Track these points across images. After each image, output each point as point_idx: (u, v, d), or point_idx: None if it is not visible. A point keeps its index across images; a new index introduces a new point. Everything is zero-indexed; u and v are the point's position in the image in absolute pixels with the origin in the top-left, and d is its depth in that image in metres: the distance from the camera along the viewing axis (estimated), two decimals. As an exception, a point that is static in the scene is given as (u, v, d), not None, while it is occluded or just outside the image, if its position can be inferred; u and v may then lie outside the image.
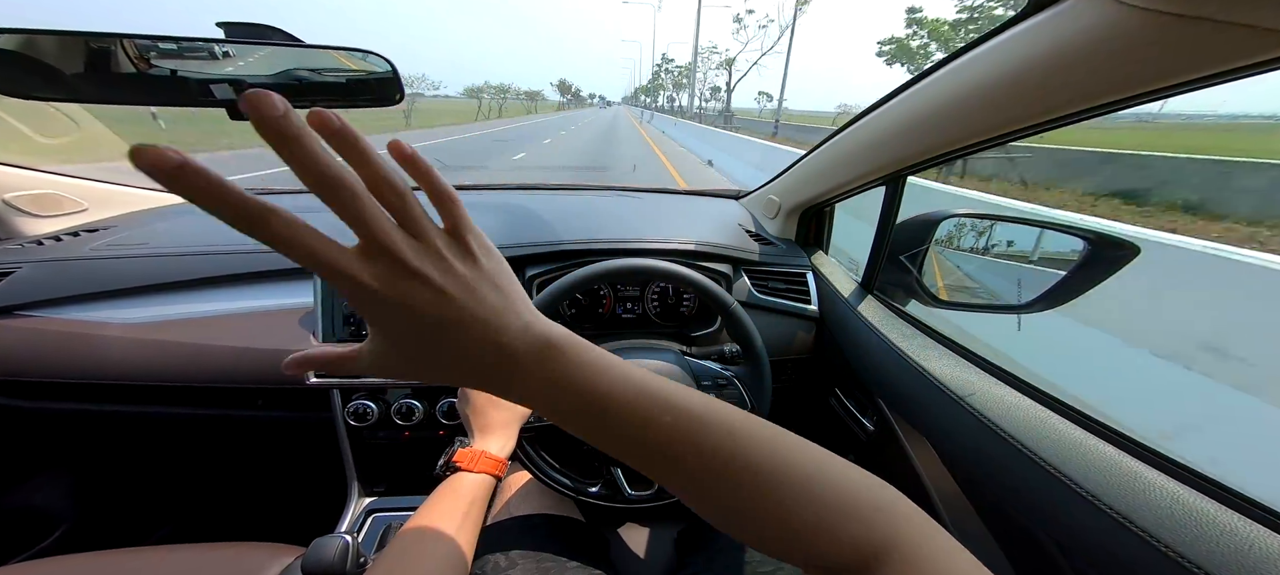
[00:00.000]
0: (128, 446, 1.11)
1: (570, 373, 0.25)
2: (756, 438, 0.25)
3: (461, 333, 0.24)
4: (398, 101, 0.61)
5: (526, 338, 0.25)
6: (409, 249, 0.22)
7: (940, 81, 0.54)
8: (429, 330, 0.23)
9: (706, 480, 0.25)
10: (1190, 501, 0.37)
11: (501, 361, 0.25)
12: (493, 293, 0.25)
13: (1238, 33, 0.29)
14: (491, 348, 0.24)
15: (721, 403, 0.27)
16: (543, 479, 0.62)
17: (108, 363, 0.81)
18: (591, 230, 0.93)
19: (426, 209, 0.24)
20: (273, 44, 0.52)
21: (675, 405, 0.25)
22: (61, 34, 0.50)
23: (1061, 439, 0.46)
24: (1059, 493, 0.43)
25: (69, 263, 0.85)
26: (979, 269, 0.82)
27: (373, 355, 0.25)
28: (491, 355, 0.25)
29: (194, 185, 0.17)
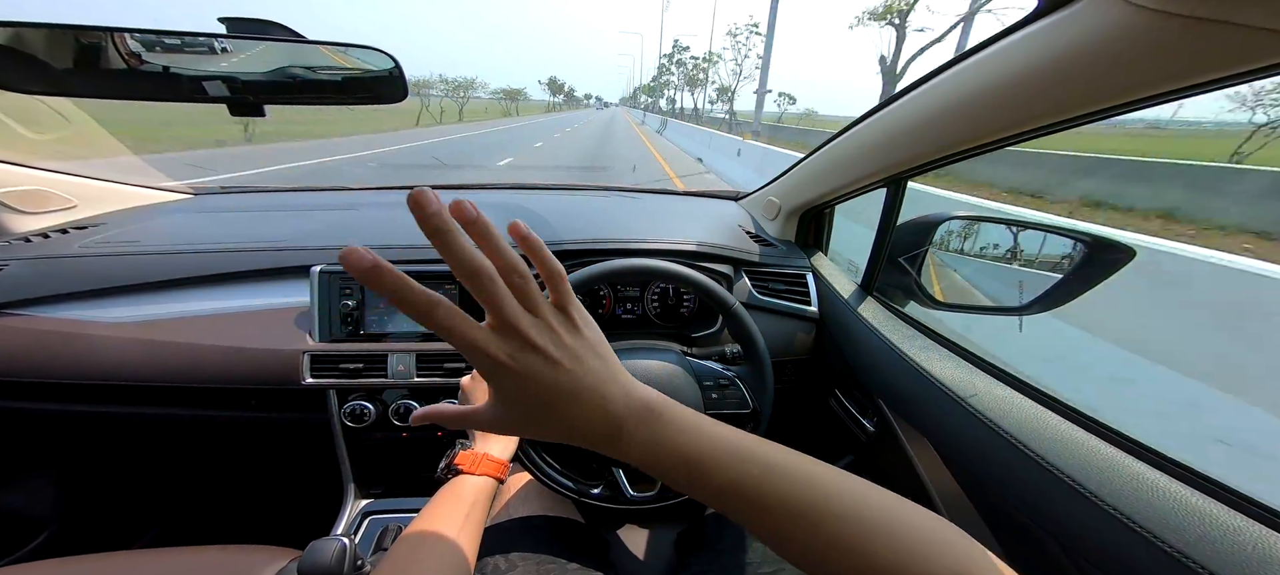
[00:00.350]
0: (117, 448, 1.09)
1: (670, 435, 0.28)
2: (833, 485, 0.28)
3: (574, 401, 0.27)
4: (401, 99, 0.60)
5: (629, 403, 0.28)
6: (531, 326, 0.26)
7: (944, 84, 0.54)
8: (546, 397, 0.27)
9: (791, 527, 0.27)
10: (1193, 502, 0.38)
11: (609, 426, 0.28)
12: (597, 361, 0.29)
13: (1249, 35, 0.29)
14: (599, 414, 0.28)
15: (800, 454, 0.29)
16: (544, 481, 0.62)
17: (97, 362, 0.79)
18: (592, 230, 0.93)
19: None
20: (274, 39, 0.51)
21: (761, 460, 0.28)
22: (57, 28, 0.49)
23: (1063, 439, 0.47)
24: (1061, 493, 0.43)
25: (57, 260, 0.83)
26: (977, 271, 0.83)
27: (494, 415, 0.28)
28: (600, 421, 0.28)
29: (383, 282, 0.22)
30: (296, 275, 0.83)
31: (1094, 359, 2.12)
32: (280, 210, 1.11)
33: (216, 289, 0.84)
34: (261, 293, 0.84)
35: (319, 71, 0.63)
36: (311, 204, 1.15)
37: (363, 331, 0.82)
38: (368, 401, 0.83)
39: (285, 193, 1.30)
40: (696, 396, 0.63)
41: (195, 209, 1.12)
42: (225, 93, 0.57)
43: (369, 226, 1.00)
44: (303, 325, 0.82)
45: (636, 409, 0.28)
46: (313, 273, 0.80)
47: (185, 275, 0.83)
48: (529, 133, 22.08)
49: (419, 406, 0.84)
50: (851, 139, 0.76)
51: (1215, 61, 0.31)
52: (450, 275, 0.93)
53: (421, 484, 0.90)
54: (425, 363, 0.82)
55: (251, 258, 0.85)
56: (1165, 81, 0.34)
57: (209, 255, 0.85)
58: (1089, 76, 0.39)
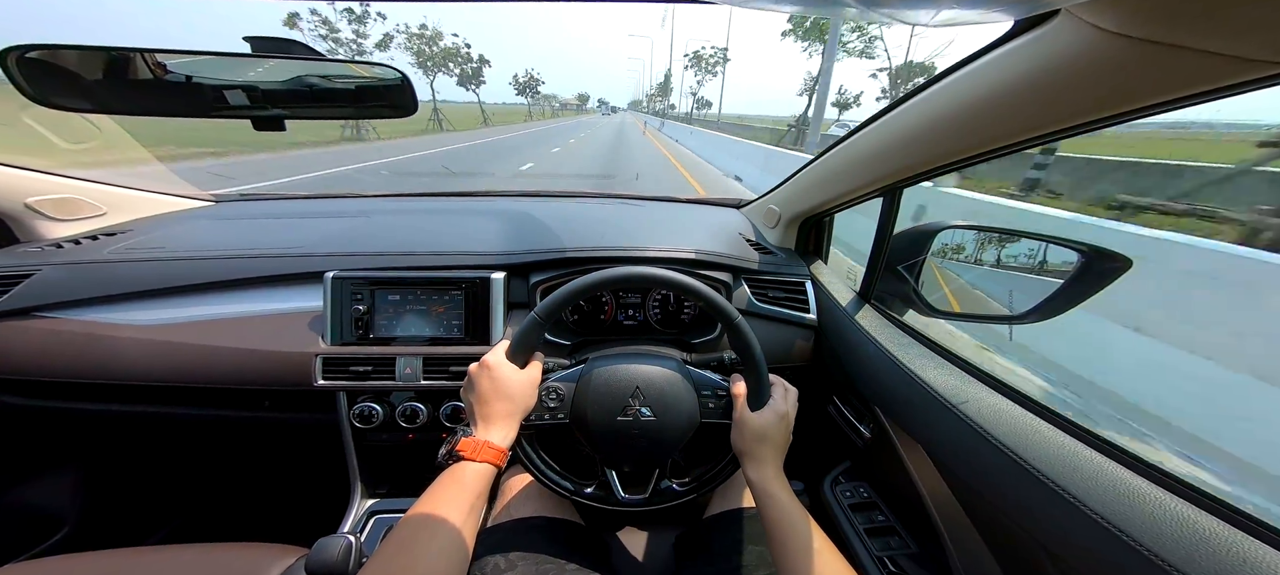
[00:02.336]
0: (136, 447, 1.13)
1: (771, 476, 0.56)
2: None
3: (766, 445, 0.58)
4: (412, 111, 0.63)
5: (772, 461, 0.58)
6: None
7: (933, 98, 0.55)
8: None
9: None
10: (1180, 511, 0.38)
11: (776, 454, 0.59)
12: (778, 423, 0.60)
13: (1204, 59, 0.30)
14: (763, 456, 0.57)
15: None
16: (541, 479, 0.64)
17: (122, 363, 0.83)
18: (595, 238, 0.95)
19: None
20: (294, 58, 0.54)
21: (785, 524, 0.52)
22: (91, 49, 0.53)
23: (1053, 447, 0.47)
24: (1050, 500, 0.44)
25: (87, 265, 0.88)
26: (975, 280, 0.83)
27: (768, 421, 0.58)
28: (764, 456, 0.57)
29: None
30: (311, 280, 0.86)
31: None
32: (296, 217, 1.15)
33: (235, 293, 0.87)
34: (277, 297, 0.88)
35: (335, 81, 0.67)
36: (326, 211, 1.19)
37: (372, 336, 0.85)
38: (376, 403, 0.86)
39: (301, 200, 1.34)
40: (694, 405, 0.64)
41: (216, 216, 1.16)
42: (246, 104, 0.60)
43: (380, 233, 1.04)
44: (316, 329, 0.85)
45: (774, 459, 0.58)
46: (326, 278, 0.83)
47: (206, 280, 0.86)
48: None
49: (425, 409, 0.86)
50: (848, 149, 0.77)
51: (1175, 82, 0.33)
52: (457, 282, 0.95)
53: (426, 484, 0.92)
54: (432, 366, 0.84)
55: (268, 263, 0.88)
56: (1129, 100, 0.36)
57: (228, 261, 0.89)
58: (1061, 94, 0.40)
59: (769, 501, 0.52)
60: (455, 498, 0.46)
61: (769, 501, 0.52)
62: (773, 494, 0.52)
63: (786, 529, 0.49)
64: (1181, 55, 0.30)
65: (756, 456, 0.56)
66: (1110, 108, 0.37)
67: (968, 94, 0.49)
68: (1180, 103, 0.33)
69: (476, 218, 1.12)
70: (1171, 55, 0.31)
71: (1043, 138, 0.44)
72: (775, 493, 0.52)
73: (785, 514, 0.50)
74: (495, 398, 0.55)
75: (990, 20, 0.32)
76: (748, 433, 0.57)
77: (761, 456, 0.56)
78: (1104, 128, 0.40)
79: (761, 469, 0.55)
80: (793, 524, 0.50)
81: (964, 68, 0.49)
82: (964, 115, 0.51)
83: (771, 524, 0.51)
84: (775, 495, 0.52)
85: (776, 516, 0.51)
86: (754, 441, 0.57)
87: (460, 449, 0.50)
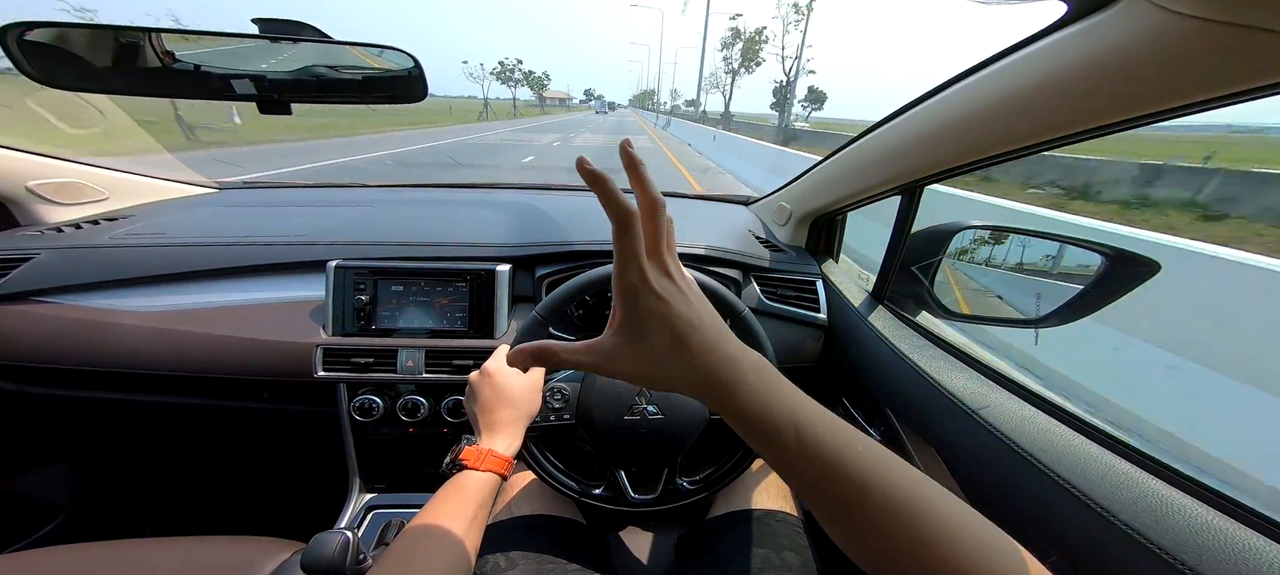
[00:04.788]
0: (133, 436, 1.12)
1: (782, 391, 0.27)
2: (936, 489, 0.26)
3: (699, 333, 0.27)
4: (422, 98, 0.61)
5: (743, 350, 0.28)
6: (669, 257, 0.28)
7: (966, 91, 0.53)
8: (677, 327, 0.27)
9: (884, 518, 0.25)
10: (1212, 521, 0.36)
11: (727, 369, 0.27)
12: (704, 304, 0.29)
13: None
14: (720, 353, 0.27)
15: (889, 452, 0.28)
16: (547, 480, 0.62)
17: (120, 351, 0.82)
18: (601, 231, 0.93)
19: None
20: (304, 40, 0.53)
21: (864, 441, 0.27)
22: (96, 27, 0.52)
23: (1082, 456, 0.45)
24: (1074, 509, 0.42)
25: (87, 250, 0.86)
26: (993, 282, 0.81)
27: (616, 346, 0.28)
28: (720, 362, 0.27)
29: (603, 191, 0.25)
30: (313, 269, 0.85)
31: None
32: (300, 205, 1.14)
33: (237, 281, 0.86)
34: (279, 286, 0.86)
35: (343, 71, 0.65)
36: (329, 200, 1.18)
37: (374, 327, 0.83)
38: (376, 396, 0.84)
39: (305, 188, 1.33)
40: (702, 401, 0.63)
41: (220, 203, 1.15)
42: (252, 91, 0.59)
43: (384, 223, 1.02)
44: (317, 319, 0.84)
45: (752, 357, 0.28)
46: (329, 267, 0.82)
47: (207, 267, 0.85)
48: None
49: (426, 402, 0.85)
50: (867, 145, 0.75)
51: (1253, 69, 0.30)
52: (462, 274, 0.94)
53: (425, 479, 0.91)
54: (435, 359, 0.83)
55: (271, 251, 0.87)
56: (1201, 90, 0.33)
57: (230, 248, 0.88)
58: (1120, 84, 0.37)
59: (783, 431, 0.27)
60: (458, 508, 0.45)
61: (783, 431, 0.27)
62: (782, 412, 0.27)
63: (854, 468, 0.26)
64: (1266, 39, 0.28)
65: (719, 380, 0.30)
66: (1178, 98, 0.34)
67: (1011, 85, 0.47)
68: (1261, 93, 0.31)
69: (482, 209, 1.11)
70: (1254, 39, 0.28)
71: (1095, 131, 0.42)
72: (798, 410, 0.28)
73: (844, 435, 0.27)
74: (498, 405, 0.53)
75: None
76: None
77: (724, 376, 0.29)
78: (1168, 119, 0.37)
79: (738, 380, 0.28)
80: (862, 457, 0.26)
81: (1007, 58, 0.46)
82: (1007, 108, 0.48)
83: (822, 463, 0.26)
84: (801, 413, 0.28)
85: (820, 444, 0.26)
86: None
87: (464, 458, 0.49)
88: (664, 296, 0.27)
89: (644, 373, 0.28)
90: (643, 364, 0.28)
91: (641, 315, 0.27)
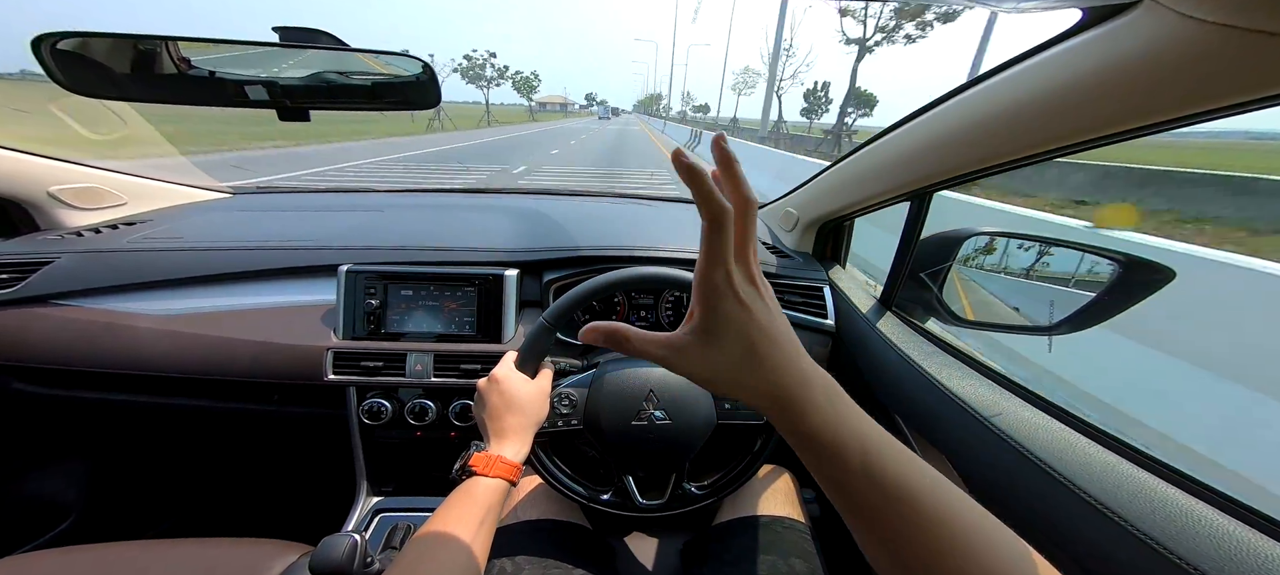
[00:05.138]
0: (145, 437, 1.13)
1: (851, 414, 0.27)
2: (994, 522, 0.26)
3: (775, 346, 0.27)
4: (435, 104, 0.62)
5: (816, 368, 0.28)
6: (754, 264, 0.27)
7: (979, 96, 0.53)
8: (754, 337, 0.26)
9: (944, 550, 0.25)
10: (1232, 530, 0.35)
11: (799, 385, 0.27)
12: (782, 316, 0.28)
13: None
14: (793, 368, 0.27)
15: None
16: (555, 485, 0.62)
17: (136, 353, 0.83)
18: (608, 237, 0.94)
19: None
20: (321, 48, 0.54)
21: (928, 470, 0.26)
22: (120, 37, 0.53)
23: (1094, 463, 0.44)
24: (1090, 517, 0.41)
25: (105, 254, 0.88)
26: (1004, 289, 0.80)
27: (692, 345, 0.28)
28: (795, 382, 0.27)
29: (699, 186, 0.24)
30: (325, 273, 0.86)
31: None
32: (312, 210, 1.16)
33: (250, 285, 0.88)
34: (291, 290, 0.88)
35: (355, 76, 0.66)
36: (341, 205, 1.20)
37: (384, 330, 0.84)
38: (385, 399, 0.85)
39: (317, 193, 1.35)
40: (710, 406, 0.63)
41: (235, 207, 1.17)
42: (266, 98, 0.60)
43: (394, 228, 1.04)
44: (328, 322, 0.85)
45: (824, 377, 0.27)
46: (340, 272, 0.83)
47: (221, 271, 0.87)
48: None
49: (434, 406, 0.85)
50: (876, 151, 0.75)
51: (1275, 77, 0.29)
52: (470, 278, 0.95)
53: (432, 483, 0.91)
54: (443, 363, 0.83)
55: (283, 255, 0.88)
56: (1219, 97, 0.33)
57: (244, 252, 0.89)
58: (1137, 90, 0.37)
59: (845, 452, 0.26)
60: (466, 514, 0.45)
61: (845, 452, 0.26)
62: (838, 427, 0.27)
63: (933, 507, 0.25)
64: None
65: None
66: (1196, 105, 0.34)
67: (1026, 91, 0.46)
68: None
69: (490, 214, 1.12)
70: (1277, 47, 0.28)
71: (1110, 138, 0.42)
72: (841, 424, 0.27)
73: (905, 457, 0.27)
74: (506, 412, 0.54)
75: (1069, 4, 0.29)
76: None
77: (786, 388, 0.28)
78: (1186, 126, 0.37)
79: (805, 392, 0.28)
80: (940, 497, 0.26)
81: (1021, 63, 0.46)
82: (1020, 113, 0.48)
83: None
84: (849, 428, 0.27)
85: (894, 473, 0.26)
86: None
87: (473, 464, 0.49)
88: (747, 303, 0.26)
89: (713, 376, 0.28)
90: (714, 368, 0.27)
91: (721, 319, 0.26)
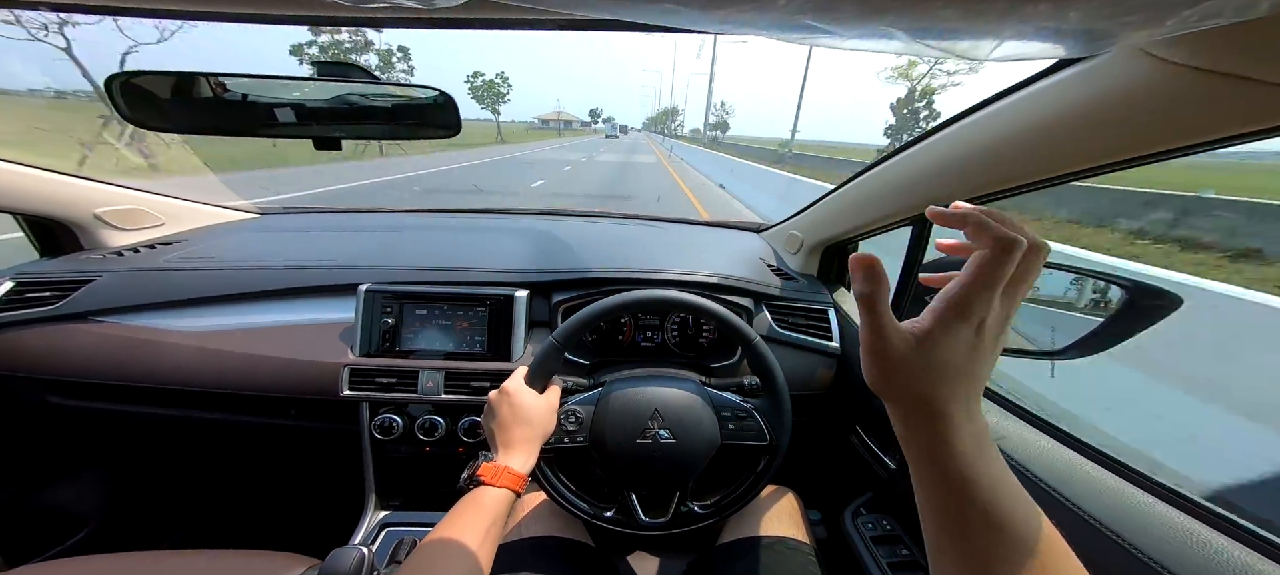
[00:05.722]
0: (164, 449, 1.16)
1: (992, 451, 0.28)
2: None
3: (978, 364, 0.28)
4: (457, 132, 0.66)
5: (981, 416, 0.29)
6: (1015, 310, 0.28)
7: (972, 127, 0.55)
8: (971, 359, 0.28)
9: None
10: (1237, 556, 0.35)
11: (968, 408, 0.28)
12: (991, 366, 0.29)
13: (1272, 92, 0.29)
14: (971, 393, 0.28)
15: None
16: (559, 501, 0.63)
17: (164, 368, 0.87)
18: (616, 259, 0.96)
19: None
20: (355, 82, 0.59)
21: (1047, 526, 0.27)
22: (180, 75, 0.59)
23: (1098, 487, 0.44)
24: (1092, 540, 0.41)
25: (143, 273, 0.93)
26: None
27: (904, 352, 0.28)
28: (971, 399, 0.28)
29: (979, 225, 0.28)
30: (344, 292, 0.90)
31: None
32: (334, 231, 1.21)
33: (274, 303, 0.92)
34: (312, 308, 0.91)
35: (377, 100, 0.71)
36: (360, 225, 1.25)
37: (398, 348, 0.87)
38: (397, 415, 0.87)
39: (338, 214, 1.42)
40: (714, 426, 0.63)
41: (261, 227, 1.23)
42: (311, 126, 0.65)
43: (410, 247, 1.08)
44: (346, 339, 0.88)
45: (983, 423, 0.29)
46: (360, 291, 0.87)
47: (247, 289, 0.91)
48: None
49: (443, 422, 0.87)
50: (878, 176, 0.77)
51: (1240, 116, 0.31)
52: (482, 298, 0.98)
53: (439, 498, 0.92)
54: (453, 380, 0.86)
55: (305, 275, 0.93)
56: (1191, 134, 0.35)
57: (269, 271, 0.94)
58: (1116, 126, 0.39)
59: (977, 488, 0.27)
60: (473, 522, 0.47)
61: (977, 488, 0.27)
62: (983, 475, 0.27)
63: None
64: (1253, 89, 0.29)
65: (936, 400, 0.28)
66: (1169, 142, 0.36)
67: (1012, 124, 0.49)
68: (1252, 137, 0.32)
69: (502, 235, 1.15)
70: (1242, 88, 0.30)
71: (1091, 171, 0.43)
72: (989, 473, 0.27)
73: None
74: (514, 424, 0.56)
75: (1050, 55, 0.31)
76: (914, 360, 0.29)
77: (946, 400, 0.28)
78: (1160, 161, 0.38)
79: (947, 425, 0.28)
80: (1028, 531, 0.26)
81: (1008, 97, 0.49)
82: (1010, 144, 0.50)
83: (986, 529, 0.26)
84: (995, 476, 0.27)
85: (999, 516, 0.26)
86: (930, 373, 0.29)
87: (480, 474, 0.51)
88: (991, 342, 0.27)
89: (929, 375, 0.28)
90: (935, 367, 0.27)
91: (954, 347, 0.27)
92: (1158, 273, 2.98)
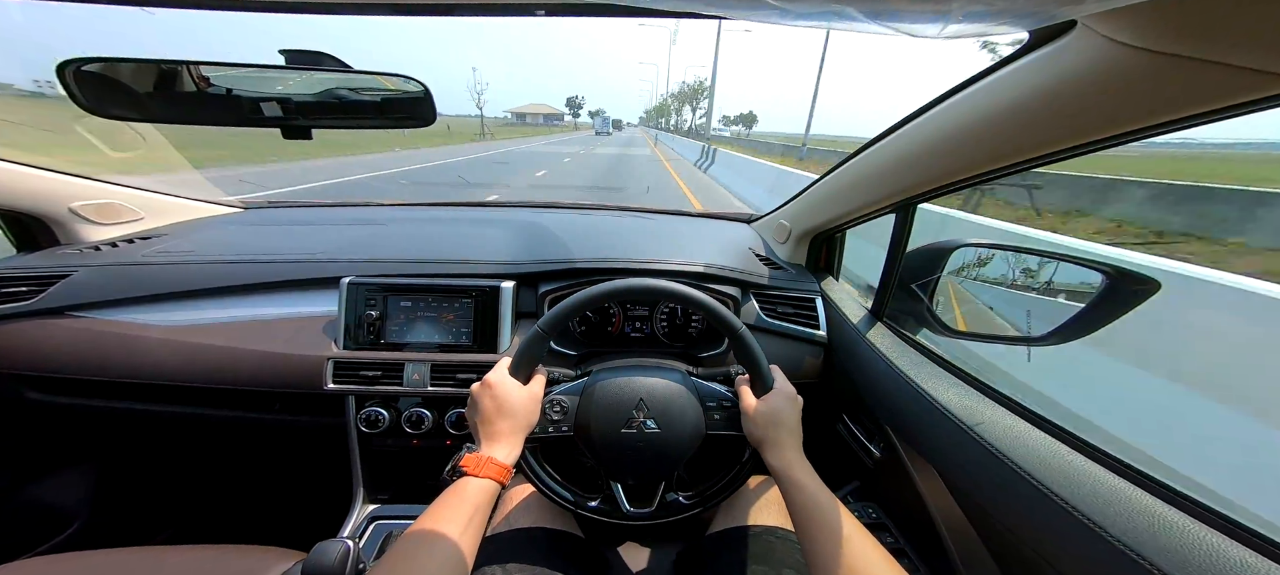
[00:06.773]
0: (149, 446, 1.15)
1: (802, 463, 0.55)
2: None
3: (788, 428, 0.59)
4: (432, 122, 0.65)
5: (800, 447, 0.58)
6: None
7: (947, 112, 0.55)
8: (784, 414, 0.60)
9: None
10: (1204, 538, 0.36)
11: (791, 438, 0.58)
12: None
13: (1228, 73, 0.29)
14: (788, 435, 0.58)
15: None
16: (544, 491, 0.63)
17: (146, 362, 0.86)
18: (604, 249, 0.96)
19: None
20: (324, 69, 0.57)
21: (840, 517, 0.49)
22: (139, 62, 0.57)
23: (1075, 472, 0.45)
24: (1072, 527, 0.42)
25: (121, 267, 0.92)
26: (992, 299, 0.81)
27: (755, 413, 0.60)
28: (788, 440, 0.57)
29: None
30: (328, 286, 0.89)
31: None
32: (317, 224, 1.20)
33: (257, 297, 0.90)
34: (295, 301, 0.90)
35: (362, 93, 0.70)
36: (345, 219, 1.23)
37: (383, 341, 0.86)
38: (383, 408, 0.86)
39: (323, 208, 1.39)
40: (699, 416, 0.63)
41: (244, 222, 1.21)
42: (279, 115, 0.64)
43: (395, 241, 1.06)
44: (330, 333, 0.87)
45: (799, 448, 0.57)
46: (342, 284, 0.86)
47: (230, 283, 0.90)
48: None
49: (430, 415, 0.87)
50: (860, 164, 0.77)
51: (1197, 97, 0.32)
52: (467, 290, 0.97)
53: (427, 490, 0.92)
54: (439, 373, 0.85)
55: (289, 268, 0.91)
56: (1149, 116, 0.35)
57: (252, 265, 0.92)
58: (1079, 109, 0.39)
59: (795, 489, 0.50)
60: (456, 513, 0.46)
61: (795, 489, 0.50)
62: (797, 481, 0.51)
63: (816, 516, 0.47)
64: (1202, 69, 0.30)
65: (774, 441, 0.56)
66: (1129, 123, 0.36)
67: (982, 109, 0.49)
68: (1201, 119, 0.32)
69: (488, 227, 1.14)
70: (1192, 69, 0.30)
71: (1060, 154, 0.44)
72: (800, 479, 0.51)
73: (813, 500, 0.49)
74: (498, 416, 0.55)
75: (1000, 32, 0.31)
76: (760, 419, 0.57)
77: (779, 441, 0.55)
78: (1123, 143, 0.38)
79: (781, 453, 0.54)
80: (821, 510, 0.47)
81: (979, 82, 0.49)
82: (979, 130, 0.50)
83: (799, 511, 0.49)
84: (800, 481, 0.51)
85: (804, 502, 0.49)
86: (768, 426, 0.57)
87: (464, 465, 0.51)
88: (792, 402, 0.60)
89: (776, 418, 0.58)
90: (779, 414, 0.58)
91: (776, 409, 0.58)
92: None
